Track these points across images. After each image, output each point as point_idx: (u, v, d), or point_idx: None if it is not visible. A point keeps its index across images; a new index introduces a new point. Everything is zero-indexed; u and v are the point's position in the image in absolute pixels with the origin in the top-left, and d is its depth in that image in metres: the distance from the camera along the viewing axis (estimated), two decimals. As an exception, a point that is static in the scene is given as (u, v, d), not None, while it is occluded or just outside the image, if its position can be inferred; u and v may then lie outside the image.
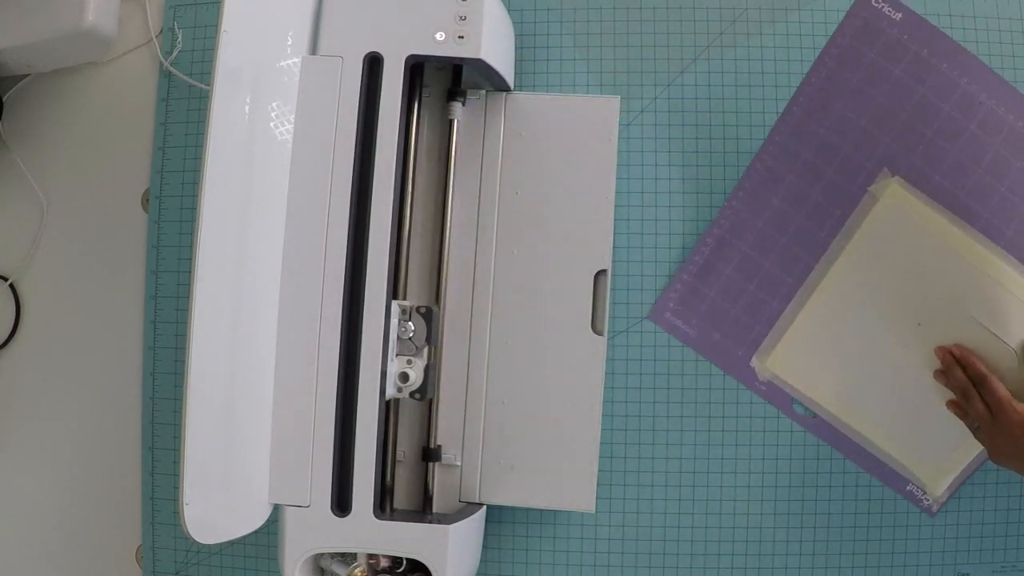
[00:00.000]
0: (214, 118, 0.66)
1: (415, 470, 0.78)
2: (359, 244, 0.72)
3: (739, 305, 0.79)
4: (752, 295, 0.78)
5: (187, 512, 0.64)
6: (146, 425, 0.86)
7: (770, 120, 0.80)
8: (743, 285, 0.78)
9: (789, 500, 0.81)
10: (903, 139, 0.74)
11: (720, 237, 0.79)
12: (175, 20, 0.89)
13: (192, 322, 0.64)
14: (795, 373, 0.79)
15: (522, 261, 0.78)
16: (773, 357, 0.79)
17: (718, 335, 0.79)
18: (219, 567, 0.85)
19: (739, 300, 0.79)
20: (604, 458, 0.79)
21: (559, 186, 0.78)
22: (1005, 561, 0.80)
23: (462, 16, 0.72)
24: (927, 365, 0.76)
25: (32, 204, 0.90)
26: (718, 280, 0.79)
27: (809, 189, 0.76)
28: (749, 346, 0.79)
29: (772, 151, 0.78)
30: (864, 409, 0.79)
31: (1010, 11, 0.78)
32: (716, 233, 0.79)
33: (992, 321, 0.72)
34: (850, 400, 0.79)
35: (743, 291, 0.78)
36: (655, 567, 0.81)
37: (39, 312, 0.89)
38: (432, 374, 0.75)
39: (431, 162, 0.79)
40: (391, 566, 0.73)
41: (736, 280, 0.78)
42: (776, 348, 0.79)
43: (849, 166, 0.75)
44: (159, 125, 0.88)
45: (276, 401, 0.72)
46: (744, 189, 0.79)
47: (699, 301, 0.79)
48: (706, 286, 0.79)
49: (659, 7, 0.84)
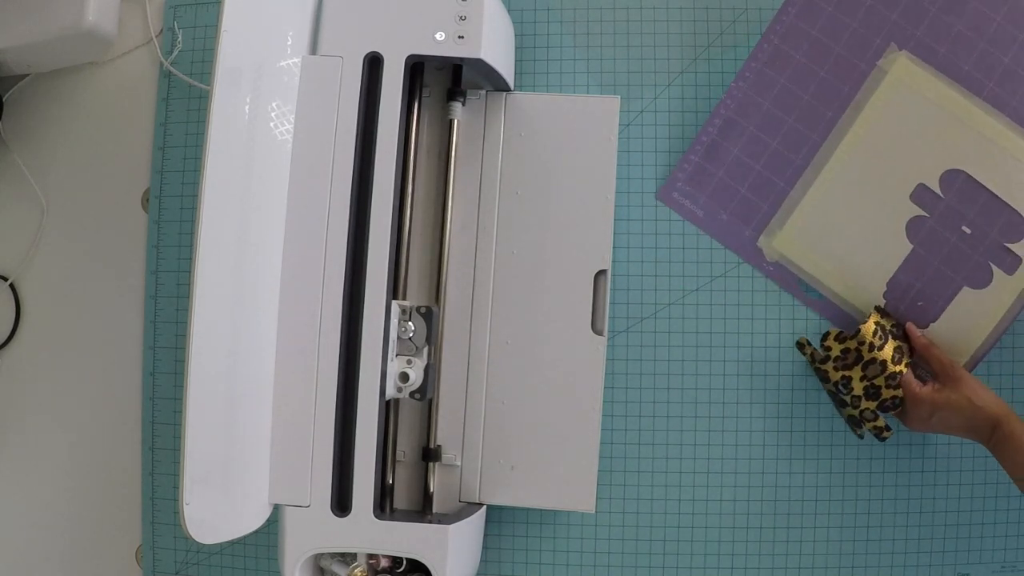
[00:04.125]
0: (214, 118, 0.66)
1: (415, 470, 0.78)
2: (359, 244, 0.72)
3: (746, 185, 0.79)
4: (759, 175, 0.79)
5: (187, 512, 0.64)
6: (146, 425, 0.86)
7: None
8: (750, 165, 0.79)
9: (789, 500, 0.81)
10: (909, 14, 0.76)
11: (727, 117, 0.79)
12: (175, 20, 0.89)
13: (192, 322, 0.64)
14: (802, 254, 0.79)
15: (522, 261, 0.78)
16: (780, 237, 0.79)
17: (725, 215, 0.79)
18: (219, 567, 0.85)
19: (746, 180, 0.79)
20: (604, 458, 0.79)
21: (559, 186, 0.78)
22: (1005, 561, 0.80)
23: (462, 16, 0.72)
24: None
25: (32, 204, 0.90)
26: (725, 160, 0.79)
27: (817, 67, 0.77)
28: (756, 226, 0.80)
29: (780, 30, 0.78)
30: (870, 291, 0.79)
31: None
32: (723, 113, 0.80)
33: (997, 186, 0.75)
34: (856, 281, 0.79)
35: (750, 171, 0.79)
36: (655, 567, 0.81)
37: (39, 312, 0.89)
38: (432, 374, 0.75)
39: (431, 162, 0.79)
40: (391, 566, 0.73)
41: (743, 160, 0.79)
42: (784, 228, 0.79)
43: (857, 42, 0.77)
44: (159, 125, 0.88)
45: (276, 401, 0.72)
46: (751, 69, 0.79)
47: (706, 181, 0.80)
48: (713, 166, 0.79)
49: (659, 7, 0.84)
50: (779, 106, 0.78)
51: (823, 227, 0.79)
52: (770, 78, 0.79)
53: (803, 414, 0.81)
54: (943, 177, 0.77)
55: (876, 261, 0.76)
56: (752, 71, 0.79)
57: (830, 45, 0.77)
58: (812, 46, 0.78)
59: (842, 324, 0.80)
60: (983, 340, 0.78)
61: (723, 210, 0.79)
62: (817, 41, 0.77)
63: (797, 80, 0.78)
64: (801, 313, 0.81)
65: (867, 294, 0.79)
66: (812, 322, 0.81)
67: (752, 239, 0.80)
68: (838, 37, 0.77)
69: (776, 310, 0.81)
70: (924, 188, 0.77)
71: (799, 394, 0.81)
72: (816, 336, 0.80)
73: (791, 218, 0.79)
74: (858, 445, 0.81)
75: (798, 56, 0.77)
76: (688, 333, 0.82)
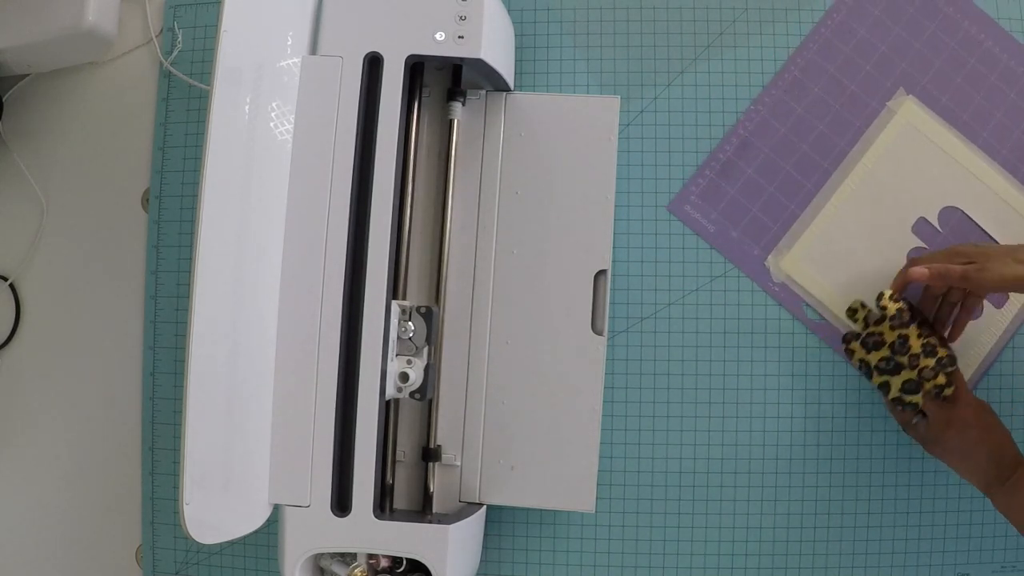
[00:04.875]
0: (214, 118, 0.66)
1: (415, 470, 0.78)
2: (359, 244, 0.72)
3: (758, 204, 0.83)
4: (771, 196, 0.82)
5: (187, 512, 0.64)
6: (146, 425, 0.86)
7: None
8: (763, 186, 0.83)
9: (789, 500, 0.81)
10: (916, 64, 0.83)
11: (743, 138, 0.83)
12: (175, 20, 0.89)
13: (192, 322, 0.64)
14: (808, 276, 0.82)
15: (522, 261, 0.78)
16: (788, 259, 0.82)
17: (736, 232, 0.82)
18: (219, 567, 0.85)
19: (758, 200, 0.83)
20: (604, 458, 0.79)
21: (559, 186, 0.78)
22: (1005, 561, 0.80)
23: (462, 16, 0.72)
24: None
25: (32, 204, 0.90)
26: (739, 179, 0.83)
27: (832, 101, 0.83)
28: (766, 246, 0.82)
29: (800, 63, 0.83)
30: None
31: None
32: (740, 134, 0.83)
33: (988, 225, 0.82)
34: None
35: (763, 191, 0.83)
36: (655, 567, 0.81)
37: (39, 312, 0.89)
38: (432, 374, 0.75)
39: (431, 162, 0.79)
40: (391, 566, 0.73)
41: (756, 180, 0.83)
42: (792, 250, 0.82)
43: (870, 83, 0.83)
44: (159, 125, 0.88)
45: (276, 401, 0.72)
46: (770, 95, 0.83)
47: (719, 197, 0.83)
48: (727, 183, 0.83)
49: (659, 7, 0.84)
50: (795, 133, 0.83)
51: (829, 251, 0.82)
52: (788, 106, 0.83)
53: (803, 414, 0.81)
54: (941, 213, 0.82)
55: (878, 287, 0.79)
56: (771, 96, 0.83)
57: (845, 83, 0.83)
58: (829, 81, 0.83)
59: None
60: (976, 366, 0.81)
61: (734, 227, 0.83)
62: (833, 78, 0.83)
63: (813, 111, 0.83)
64: (801, 329, 0.82)
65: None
66: (812, 322, 0.82)
67: (760, 258, 0.82)
68: (853, 76, 0.83)
69: (776, 310, 0.82)
70: (924, 221, 0.82)
71: (799, 394, 0.81)
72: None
73: (799, 240, 0.82)
74: (858, 445, 0.81)
75: (816, 89, 0.83)
76: (688, 333, 0.82)
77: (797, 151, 0.83)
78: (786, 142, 0.83)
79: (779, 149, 0.83)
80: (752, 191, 0.83)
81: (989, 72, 0.83)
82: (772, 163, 0.83)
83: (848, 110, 0.83)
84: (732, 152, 0.83)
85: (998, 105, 0.83)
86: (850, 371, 0.81)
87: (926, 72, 0.83)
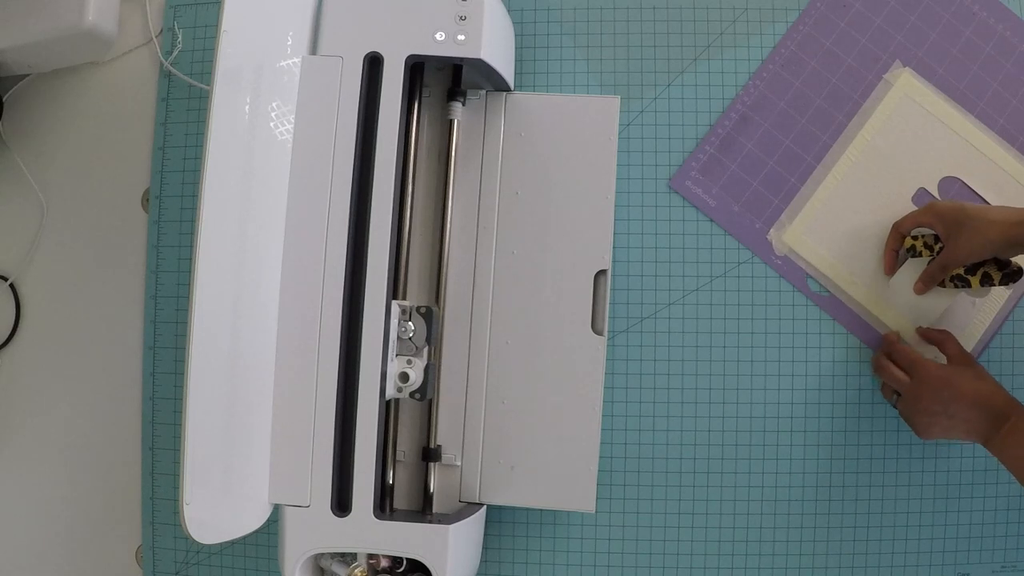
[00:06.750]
0: (214, 118, 0.66)
1: (415, 470, 0.78)
2: (359, 244, 0.72)
3: (759, 179, 0.83)
4: (772, 170, 0.83)
5: (187, 512, 0.64)
6: (146, 425, 0.86)
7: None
8: (764, 160, 0.83)
9: (789, 500, 0.81)
10: (912, 36, 0.84)
11: (743, 113, 0.83)
12: (175, 20, 0.89)
13: (192, 322, 0.64)
14: (810, 248, 0.82)
15: (522, 261, 0.78)
16: (790, 232, 0.82)
17: (737, 207, 0.83)
18: (219, 567, 0.85)
19: (759, 174, 0.83)
20: (604, 458, 0.79)
21: (559, 186, 0.78)
22: (1005, 561, 0.80)
23: (462, 16, 0.72)
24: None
25: (32, 204, 0.90)
26: (739, 153, 0.83)
27: (830, 75, 0.84)
28: (767, 220, 0.83)
29: (796, 38, 0.84)
30: (876, 287, 0.82)
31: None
32: (739, 109, 0.84)
33: (988, 194, 0.82)
34: (861, 278, 0.82)
35: (763, 165, 0.83)
36: (655, 567, 0.81)
37: (39, 312, 0.89)
38: (432, 374, 0.75)
39: (431, 162, 0.79)
40: (391, 566, 0.73)
41: (757, 155, 0.83)
42: (793, 223, 0.82)
43: (866, 56, 0.84)
44: (159, 125, 0.88)
45: (276, 401, 0.72)
46: (768, 70, 0.84)
47: (720, 172, 0.83)
48: (728, 158, 0.83)
49: (659, 7, 0.84)
50: (793, 107, 0.83)
51: (831, 224, 0.82)
52: (786, 80, 0.84)
53: (803, 414, 0.81)
54: (941, 183, 0.83)
55: (880, 257, 0.81)
56: (769, 72, 0.84)
57: (842, 56, 0.84)
58: (825, 55, 0.84)
59: (847, 321, 0.81)
60: (978, 338, 0.81)
61: (735, 201, 0.83)
62: (830, 52, 0.84)
63: (811, 84, 0.84)
64: (801, 313, 0.82)
65: (871, 290, 0.81)
66: (812, 323, 0.82)
67: (762, 232, 0.83)
68: (849, 50, 0.84)
69: (776, 310, 0.82)
70: (924, 192, 0.82)
71: (799, 394, 0.81)
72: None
73: (801, 213, 0.83)
74: (858, 445, 0.81)
75: (812, 63, 0.84)
76: (688, 333, 0.82)
77: (796, 125, 0.83)
78: (785, 116, 0.83)
79: (778, 123, 0.83)
80: (753, 166, 0.83)
81: (984, 43, 0.83)
82: (772, 137, 0.83)
83: (846, 83, 0.83)
84: (731, 127, 0.83)
85: (994, 75, 0.83)
86: (851, 356, 0.81)
87: (922, 44, 0.84)
